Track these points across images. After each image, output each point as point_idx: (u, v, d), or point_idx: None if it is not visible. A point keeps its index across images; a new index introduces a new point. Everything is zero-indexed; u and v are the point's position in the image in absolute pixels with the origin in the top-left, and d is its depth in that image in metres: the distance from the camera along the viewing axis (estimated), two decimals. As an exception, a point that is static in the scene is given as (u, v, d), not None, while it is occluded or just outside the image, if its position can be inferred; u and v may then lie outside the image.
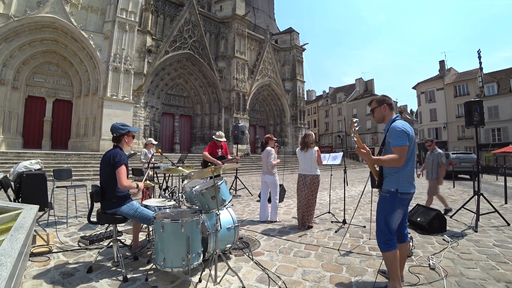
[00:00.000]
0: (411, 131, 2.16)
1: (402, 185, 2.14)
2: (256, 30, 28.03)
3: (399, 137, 2.10)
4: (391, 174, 2.19)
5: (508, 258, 3.04)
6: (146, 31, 18.40)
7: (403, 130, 2.12)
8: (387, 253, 2.15)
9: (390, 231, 2.17)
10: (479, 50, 29.58)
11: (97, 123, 16.06)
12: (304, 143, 4.34)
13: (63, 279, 2.45)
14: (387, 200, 2.18)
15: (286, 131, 28.51)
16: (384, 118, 2.36)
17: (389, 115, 2.35)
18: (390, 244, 2.15)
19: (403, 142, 2.08)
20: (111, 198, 2.69)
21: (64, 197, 6.03)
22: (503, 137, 27.88)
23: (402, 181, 2.14)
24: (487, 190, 9.48)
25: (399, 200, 2.13)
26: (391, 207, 2.15)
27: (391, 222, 2.16)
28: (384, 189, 2.23)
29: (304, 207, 4.24)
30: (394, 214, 2.15)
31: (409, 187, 2.15)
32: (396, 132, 2.12)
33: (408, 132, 2.12)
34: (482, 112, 4.78)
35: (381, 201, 2.24)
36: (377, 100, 2.40)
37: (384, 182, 2.24)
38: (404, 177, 2.15)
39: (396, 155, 2.07)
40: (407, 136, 2.10)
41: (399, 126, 2.14)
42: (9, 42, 14.23)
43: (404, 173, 2.15)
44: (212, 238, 2.72)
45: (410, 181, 2.17)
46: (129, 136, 2.94)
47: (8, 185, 3.47)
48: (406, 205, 2.22)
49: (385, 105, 2.34)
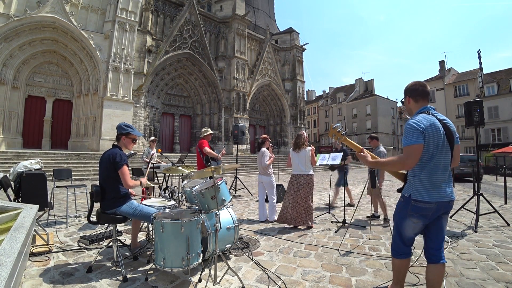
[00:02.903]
0: (429, 125, 1.75)
1: (417, 191, 1.81)
2: (256, 30, 28.04)
3: (408, 135, 1.77)
4: (410, 178, 1.90)
5: (508, 258, 3.04)
6: (146, 31, 18.40)
7: (413, 126, 1.76)
8: (394, 260, 2.00)
9: (402, 240, 1.93)
10: (479, 51, 29.61)
11: (97, 123, 16.06)
12: (296, 144, 4.36)
13: (63, 279, 2.45)
14: (400, 205, 1.94)
15: (286, 131, 28.51)
16: (412, 111, 1.98)
17: (415, 107, 1.95)
18: (399, 252, 1.95)
19: (410, 140, 1.74)
20: (110, 198, 2.69)
21: (64, 197, 6.03)
22: (503, 137, 27.90)
23: (418, 186, 1.81)
24: (487, 190, 9.48)
25: (413, 208, 1.81)
26: (403, 214, 1.89)
27: (403, 231, 1.90)
28: (401, 194, 1.96)
29: (302, 208, 4.22)
30: (406, 222, 1.87)
31: (428, 195, 1.76)
32: (405, 129, 1.82)
33: (421, 128, 1.74)
34: (482, 112, 4.78)
35: (396, 206, 2.00)
36: (404, 90, 2.01)
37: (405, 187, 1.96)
38: (421, 182, 1.80)
39: (400, 156, 1.80)
40: (419, 133, 1.73)
41: (410, 121, 1.80)
42: (9, 41, 14.23)
43: (421, 177, 1.80)
44: (212, 238, 2.72)
45: (430, 188, 1.77)
46: (128, 138, 2.86)
47: (8, 185, 3.47)
48: (430, 217, 1.82)
49: (408, 97, 1.97)
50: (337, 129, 2.30)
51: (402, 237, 1.93)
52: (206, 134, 5.72)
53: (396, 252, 1.98)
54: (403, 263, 1.97)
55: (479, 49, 29.61)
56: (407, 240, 1.93)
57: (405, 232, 1.91)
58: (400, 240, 1.94)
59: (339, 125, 2.25)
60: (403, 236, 1.92)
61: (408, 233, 1.90)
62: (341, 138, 2.27)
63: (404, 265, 1.98)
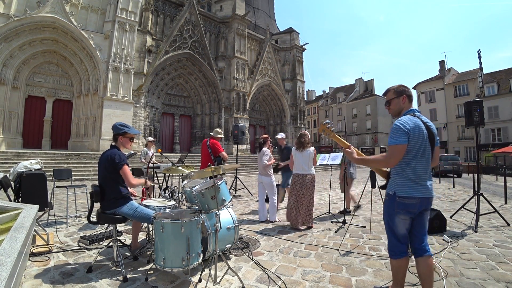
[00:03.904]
0: (414, 127, 1.87)
1: (400, 188, 1.92)
2: (256, 30, 28.04)
3: (393, 134, 1.88)
4: (393, 176, 2.02)
5: (508, 258, 3.04)
6: (146, 31, 18.40)
7: (400, 127, 1.87)
8: (392, 261, 2.04)
9: (396, 238, 1.99)
10: (479, 50, 29.60)
11: (97, 123, 16.06)
12: (301, 143, 4.35)
13: (63, 279, 2.45)
14: (387, 204, 2.04)
15: (286, 131, 28.48)
16: (401, 111, 2.07)
17: (407, 107, 2.06)
18: (396, 252, 1.99)
19: (396, 140, 1.85)
20: (110, 198, 2.69)
21: (64, 197, 6.03)
22: (503, 137, 27.90)
23: (402, 183, 1.92)
24: (487, 190, 9.48)
25: (399, 205, 1.92)
26: (391, 212, 1.98)
27: (396, 229, 1.98)
28: (386, 192, 2.07)
29: (305, 208, 4.23)
30: (396, 220, 1.96)
31: (412, 191, 1.89)
32: (392, 129, 1.92)
33: (406, 129, 1.85)
34: (482, 112, 4.78)
35: (384, 205, 2.10)
36: (395, 90, 2.10)
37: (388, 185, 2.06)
38: (405, 179, 1.91)
39: (384, 154, 1.91)
40: (404, 134, 1.84)
41: (397, 122, 1.92)
42: (9, 42, 14.24)
43: (404, 174, 1.91)
44: (212, 238, 2.72)
45: (413, 185, 1.89)
46: (125, 137, 2.84)
47: (8, 185, 3.47)
48: (415, 212, 1.92)
49: (405, 96, 2.06)
50: (327, 125, 2.36)
51: (396, 235, 1.99)
52: (219, 136, 5.81)
53: (393, 252, 2.01)
54: (401, 263, 2.00)
55: (479, 49, 29.64)
56: (401, 238, 1.99)
57: (398, 229, 1.98)
58: (395, 238, 2.00)
59: (329, 121, 2.31)
60: (396, 233, 1.99)
61: (401, 230, 1.97)
62: (330, 134, 2.35)
63: (403, 265, 2.00)
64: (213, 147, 5.57)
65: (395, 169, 1.98)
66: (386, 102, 2.17)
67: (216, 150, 5.56)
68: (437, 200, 5.60)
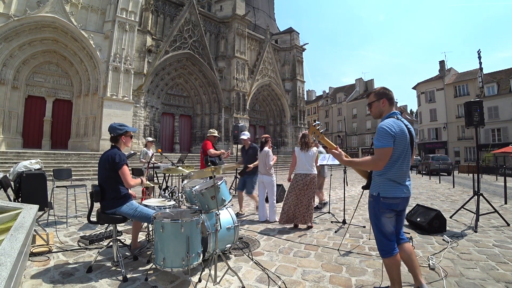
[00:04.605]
0: (399, 131, 1.91)
1: (384, 189, 1.97)
2: (256, 30, 28.04)
3: (380, 138, 1.90)
4: (375, 177, 2.06)
5: (508, 259, 3.04)
6: (146, 31, 18.40)
7: (386, 130, 1.89)
8: (385, 260, 2.07)
9: (385, 236, 2.04)
10: (479, 51, 29.60)
11: (97, 123, 16.06)
12: (305, 143, 4.38)
13: (63, 279, 2.45)
14: (371, 205, 2.07)
15: (286, 131, 28.52)
16: (382, 113, 2.11)
17: (387, 110, 2.09)
18: (387, 250, 2.03)
19: (383, 143, 1.88)
20: (110, 198, 2.69)
21: (64, 197, 6.02)
22: (503, 137, 27.90)
23: (385, 184, 1.97)
24: (487, 190, 9.48)
25: (383, 205, 1.97)
26: (377, 213, 2.03)
27: (383, 228, 2.03)
28: (369, 193, 2.10)
29: (304, 207, 4.24)
30: (382, 219, 2.01)
31: (394, 192, 1.95)
32: (378, 132, 1.94)
33: (392, 132, 1.89)
34: (482, 112, 4.78)
35: (369, 206, 2.14)
36: (376, 93, 2.14)
37: (371, 186, 2.10)
38: (388, 180, 1.96)
39: (372, 157, 1.93)
40: (390, 137, 1.88)
41: (383, 125, 1.94)
42: (9, 41, 14.24)
43: (387, 176, 1.96)
44: (212, 238, 2.72)
45: (395, 185, 1.96)
46: (126, 136, 2.91)
47: (8, 184, 3.47)
48: (398, 210, 2.02)
49: (385, 99, 2.09)
50: (317, 127, 2.38)
51: (384, 233, 2.04)
52: (209, 135, 5.85)
53: (384, 251, 2.04)
54: (393, 261, 2.03)
55: (479, 49, 29.63)
56: (389, 235, 2.04)
57: (385, 228, 2.03)
58: (384, 237, 2.04)
59: (319, 123, 2.32)
60: (385, 232, 2.04)
61: (388, 228, 2.03)
62: (319, 136, 2.38)
63: (396, 262, 2.03)
64: (203, 147, 5.71)
65: (378, 171, 2.01)
66: (368, 104, 2.24)
67: (205, 149, 5.68)
68: (437, 200, 5.61)
